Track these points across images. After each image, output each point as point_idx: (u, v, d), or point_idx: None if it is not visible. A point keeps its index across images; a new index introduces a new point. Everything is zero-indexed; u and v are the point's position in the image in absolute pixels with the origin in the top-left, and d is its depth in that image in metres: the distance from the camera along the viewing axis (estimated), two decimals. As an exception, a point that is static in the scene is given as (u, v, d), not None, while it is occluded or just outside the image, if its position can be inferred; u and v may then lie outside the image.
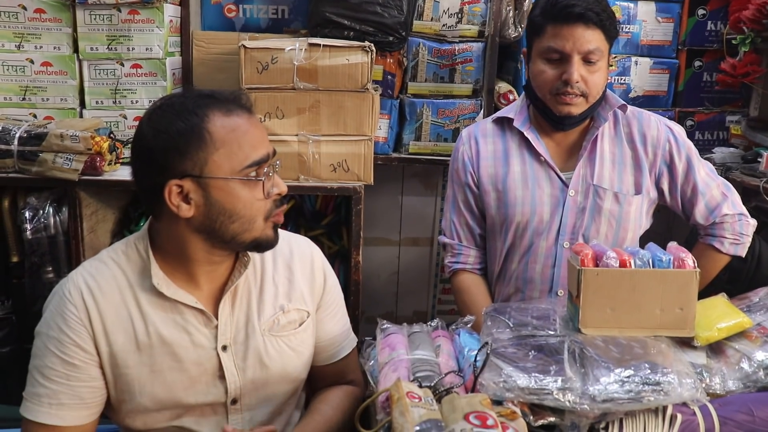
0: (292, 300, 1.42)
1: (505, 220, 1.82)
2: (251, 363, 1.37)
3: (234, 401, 1.37)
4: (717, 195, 1.82)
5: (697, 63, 2.42)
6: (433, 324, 1.64)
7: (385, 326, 1.60)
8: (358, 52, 1.94)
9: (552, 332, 1.44)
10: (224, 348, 1.35)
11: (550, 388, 1.26)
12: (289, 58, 1.91)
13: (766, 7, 2.05)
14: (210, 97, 1.27)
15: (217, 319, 1.34)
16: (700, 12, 2.39)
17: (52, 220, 2.00)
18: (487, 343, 1.37)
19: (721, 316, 1.50)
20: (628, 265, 1.41)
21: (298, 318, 1.43)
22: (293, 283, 1.44)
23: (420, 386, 1.31)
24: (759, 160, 2.19)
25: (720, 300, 1.58)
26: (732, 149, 2.35)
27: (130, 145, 2.05)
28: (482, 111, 2.37)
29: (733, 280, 2.07)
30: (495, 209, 1.83)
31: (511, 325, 1.49)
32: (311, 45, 1.92)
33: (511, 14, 2.29)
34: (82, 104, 2.17)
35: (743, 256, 1.87)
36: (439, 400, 1.26)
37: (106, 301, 1.30)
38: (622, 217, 1.78)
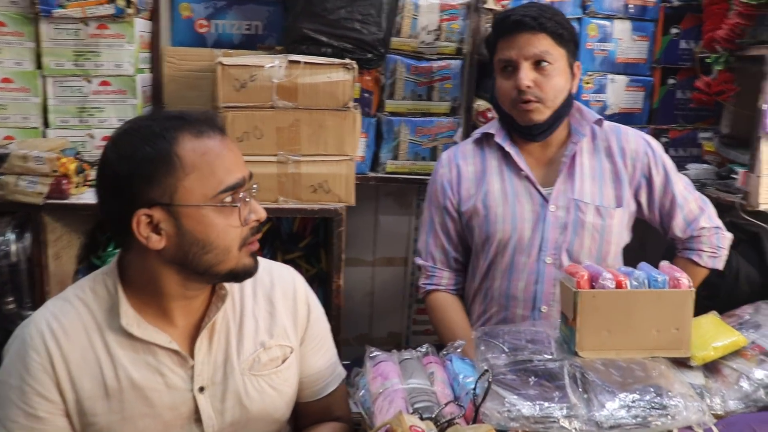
0: (274, 335, 1.34)
1: (486, 238, 1.81)
2: (230, 405, 1.28)
3: None
4: (694, 208, 1.84)
5: (670, 81, 2.45)
6: (422, 350, 1.59)
7: (374, 354, 1.54)
8: (340, 70, 1.89)
9: (549, 356, 1.41)
10: (201, 389, 1.26)
11: (555, 416, 1.23)
12: (269, 76, 1.84)
13: (739, 28, 2.08)
14: (179, 119, 1.20)
15: (193, 358, 1.25)
16: (674, 31, 2.41)
17: (13, 247, 1.88)
18: (487, 370, 1.33)
19: (715, 335, 1.49)
20: (623, 286, 1.40)
21: (281, 355, 1.35)
22: (275, 317, 1.36)
23: (421, 418, 1.26)
24: (733, 176, 2.21)
25: (712, 318, 1.58)
26: (705, 165, 2.37)
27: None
28: (460, 129, 2.35)
29: (711, 296, 2.07)
30: (477, 228, 1.81)
31: (506, 350, 1.45)
32: (291, 62, 1.86)
33: (489, 31, 2.27)
34: (46, 123, 2.06)
35: (721, 269, 1.89)
36: (441, 432, 1.22)
37: (71, 344, 1.21)
38: (605, 230, 1.78)
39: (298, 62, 1.86)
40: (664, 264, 1.51)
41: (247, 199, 1.21)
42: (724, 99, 2.22)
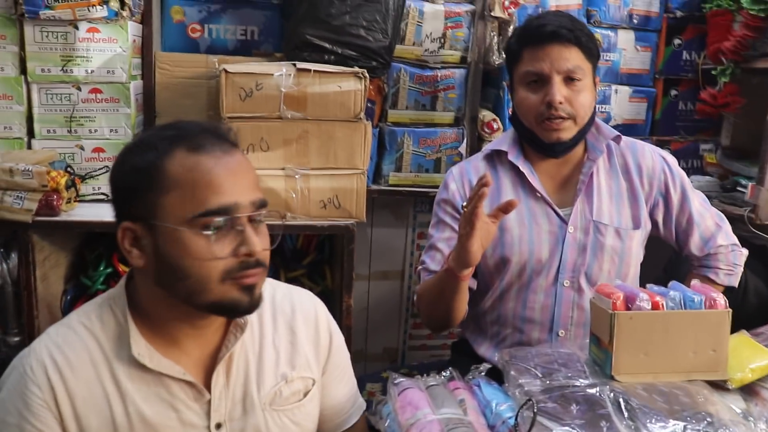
0: (296, 367, 1.25)
1: (501, 260, 1.73)
2: None
3: None
4: (711, 225, 1.81)
5: (673, 92, 2.44)
6: (446, 374, 1.51)
7: (398, 380, 1.46)
8: (351, 79, 1.80)
9: (586, 381, 1.35)
10: (218, 426, 1.16)
11: (606, 447, 1.17)
12: (276, 84, 1.74)
13: (746, 40, 2.08)
14: (179, 130, 1.11)
15: (209, 392, 1.15)
16: (676, 42, 2.40)
17: (-3, 269, 1.74)
18: (530, 399, 1.26)
19: (750, 356, 1.45)
20: (660, 307, 1.35)
21: (303, 387, 1.26)
22: (296, 347, 1.26)
23: (465, 453, 1.19)
24: (739, 189, 2.21)
25: (744, 338, 1.54)
26: (708, 178, 2.37)
27: (88, 181, 1.86)
28: (465, 140, 2.28)
29: (720, 311, 2.06)
30: (491, 250, 1.73)
31: (540, 375, 1.39)
32: (300, 70, 1.76)
33: (495, 40, 2.22)
34: (30, 133, 1.90)
35: (736, 286, 1.87)
36: (486, 467, 1.15)
37: (76, 378, 1.10)
38: (625, 252, 1.73)
39: (307, 70, 1.76)
40: (696, 283, 1.47)
41: (240, 228, 1.08)
42: (730, 111, 2.22)
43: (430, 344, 2.77)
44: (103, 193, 1.88)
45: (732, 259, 1.83)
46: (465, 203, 1.50)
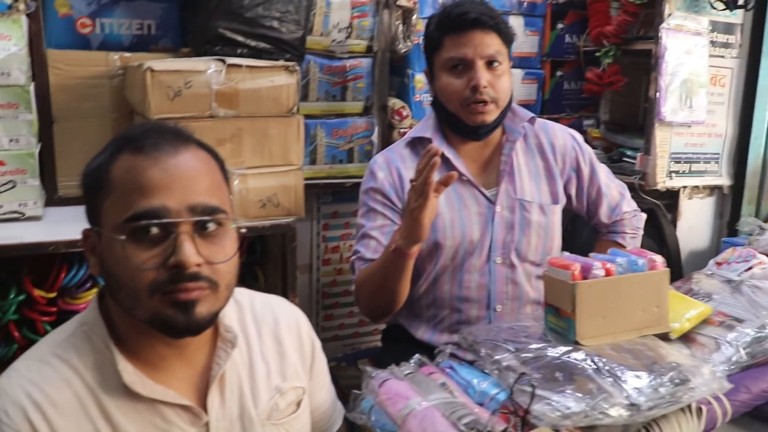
0: (287, 378, 1.20)
1: (434, 245, 1.77)
2: None
3: None
4: (616, 195, 1.97)
5: (558, 73, 2.61)
6: (415, 361, 1.53)
7: (375, 374, 1.45)
8: (282, 73, 1.72)
9: (559, 349, 1.42)
10: None
11: (602, 406, 1.25)
12: (206, 82, 1.62)
13: (626, 24, 2.28)
14: (130, 130, 1.05)
15: (206, 413, 1.08)
16: (559, 26, 2.57)
17: None
18: (524, 373, 1.32)
19: (683, 307, 1.62)
20: (612, 273, 1.46)
21: (295, 398, 1.21)
22: (285, 357, 1.21)
23: (479, 435, 1.21)
24: (625, 159, 2.42)
25: (673, 293, 1.70)
26: (595, 150, 2.57)
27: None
28: (377, 129, 2.29)
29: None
30: None
31: (512, 349, 1.44)
32: (230, 66, 1.66)
33: (400, 29, 2.24)
34: None
35: (639, 247, 2.05)
36: (503, 445, 1.18)
37: (61, 416, 0.98)
38: (549, 226, 1.84)
39: (238, 66, 1.66)
40: (632, 249, 1.60)
41: (173, 236, 0.97)
42: (615, 89, 2.42)
43: (342, 334, 2.77)
44: (5, 213, 1.66)
45: (635, 224, 2.00)
46: (413, 177, 1.51)
